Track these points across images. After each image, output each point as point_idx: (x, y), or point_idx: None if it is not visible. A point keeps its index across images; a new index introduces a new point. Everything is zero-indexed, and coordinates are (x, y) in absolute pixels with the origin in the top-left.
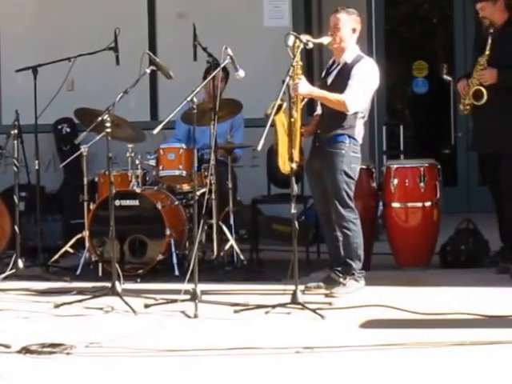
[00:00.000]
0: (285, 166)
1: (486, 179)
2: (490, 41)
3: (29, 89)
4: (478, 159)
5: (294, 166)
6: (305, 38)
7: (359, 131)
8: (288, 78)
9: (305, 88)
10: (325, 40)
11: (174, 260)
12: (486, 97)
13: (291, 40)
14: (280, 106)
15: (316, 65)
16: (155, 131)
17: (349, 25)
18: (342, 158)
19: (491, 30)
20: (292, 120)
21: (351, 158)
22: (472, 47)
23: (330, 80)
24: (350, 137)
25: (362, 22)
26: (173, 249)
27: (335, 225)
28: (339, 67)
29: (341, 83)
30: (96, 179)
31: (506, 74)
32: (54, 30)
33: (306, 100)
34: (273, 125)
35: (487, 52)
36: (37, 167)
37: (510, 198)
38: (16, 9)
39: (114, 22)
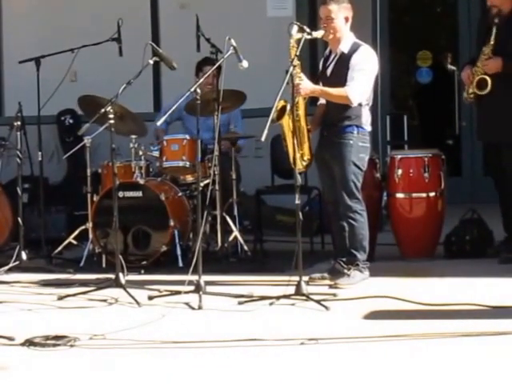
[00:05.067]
0: (298, 164)
1: (490, 168)
2: (494, 30)
3: (32, 80)
4: (482, 149)
5: (306, 164)
6: (307, 29)
7: (366, 119)
8: (291, 68)
9: (306, 88)
10: (319, 33)
11: (178, 251)
12: (489, 86)
13: (294, 30)
14: (283, 108)
15: (320, 56)
16: (159, 122)
17: (340, 14)
18: (350, 149)
19: (496, 20)
20: (297, 118)
21: (359, 148)
22: (475, 36)
23: (329, 71)
24: (358, 127)
25: (365, 11)
26: (176, 240)
27: (342, 215)
28: (337, 58)
29: (340, 74)
30: (99, 170)
31: (511, 63)
32: (57, 21)
33: (308, 97)
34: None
35: (492, 42)
36: (40, 159)
37: None
38: (18, 0)
39: (117, 12)
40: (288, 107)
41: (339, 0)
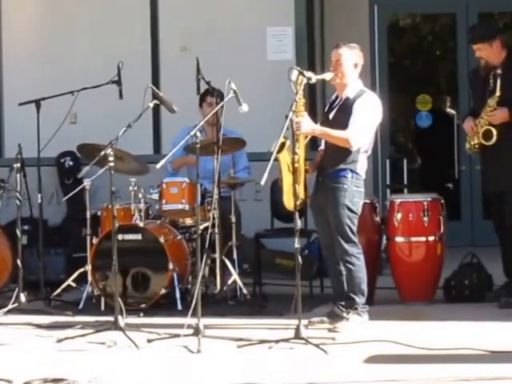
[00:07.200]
0: (290, 202)
1: (492, 216)
2: (499, 82)
3: (32, 122)
4: (481, 193)
5: (299, 202)
6: (308, 73)
7: (362, 166)
8: (291, 113)
9: (307, 126)
10: (327, 76)
11: (177, 294)
12: (495, 137)
13: (294, 75)
14: (283, 144)
15: (319, 100)
16: (158, 165)
17: (350, 60)
18: (344, 193)
19: (499, 72)
20: (296, 157)
21: (353, 193)
22: (468, 83)
23: (331, 115)
24: (352, 171)
25: (364, 56)
26: (176, 283)
27: (338, 259)
28: (341, 102)
29: (342, 118)
30: (99, 213)
31: None
32: (57, 63)
33: (309, 137)
34: (276, 159)
35: (498, 94)
36: (39, 201)
37: None
38: (19, 42)
39: (118, 55)
40: (288, 143)
41: (351, 46)
